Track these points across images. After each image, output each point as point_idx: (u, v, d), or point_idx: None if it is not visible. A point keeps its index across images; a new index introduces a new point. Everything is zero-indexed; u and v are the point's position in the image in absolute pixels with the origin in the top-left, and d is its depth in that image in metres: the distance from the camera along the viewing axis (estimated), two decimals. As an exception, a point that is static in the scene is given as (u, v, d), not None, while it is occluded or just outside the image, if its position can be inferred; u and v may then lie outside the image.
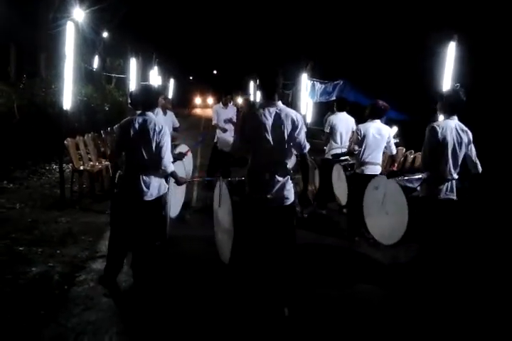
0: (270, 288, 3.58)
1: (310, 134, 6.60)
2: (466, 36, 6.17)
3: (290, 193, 3.46)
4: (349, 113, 6.67)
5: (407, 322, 3.64)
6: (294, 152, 3.52)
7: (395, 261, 4.96)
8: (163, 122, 6.04)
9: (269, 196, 3.39)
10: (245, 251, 3.63)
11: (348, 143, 6.34)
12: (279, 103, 3.43)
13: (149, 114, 3.87)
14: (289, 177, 3.45)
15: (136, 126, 3.78)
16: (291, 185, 3.48)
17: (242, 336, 3.36)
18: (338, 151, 6.37)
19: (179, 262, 4.63)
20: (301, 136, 3.42)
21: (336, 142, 6.50)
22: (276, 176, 3.38)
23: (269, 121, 3.33)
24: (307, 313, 3.67)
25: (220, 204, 4.29)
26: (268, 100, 3.42)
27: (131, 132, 3.76)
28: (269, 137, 3.34)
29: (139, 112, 3.92)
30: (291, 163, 3.53)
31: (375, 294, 4.15)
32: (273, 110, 3.36)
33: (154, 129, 3.77)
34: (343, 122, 6.55)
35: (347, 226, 5.70)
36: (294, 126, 3.36)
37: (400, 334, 3.49)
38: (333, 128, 6.50)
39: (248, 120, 3.46)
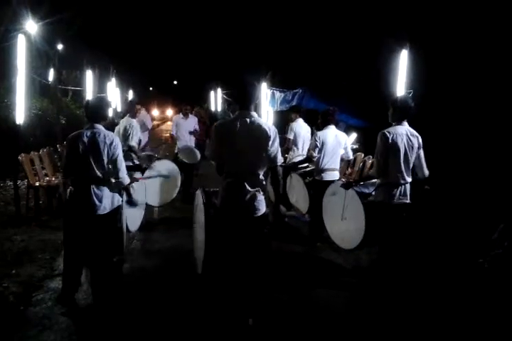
0: (238, 298, 3.55)
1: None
2: (417, 43, 6.36)
3: (261, 204, 3.43)
4: (306, 120, 6.78)
5: (370, 324, 3.69)
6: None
7: (357, 265, 5.03)
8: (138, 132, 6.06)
9: (239, 207, 3.36)
10: (217, 261, 3.58)
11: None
12: (254, 114, 3.40)
13: (98, 126, 3.77)
14: (260, 188, 3.42)
15: (85, 139, 3.67)
16: (263, 196, 3.46)
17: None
18: (300, 158, 6.44)
19: (139, 277, 4.54)
20: (274, 148, 3.39)
21: (298, 149, 6.59)
22: (248, 187, 3.35)
23: (241, 132, 3.29)
24: (271, 321, 3.66)
25: (197, 214, 4.26)
26: (243, 111, 3.38)
27: (80, 146, 3.66)
28: (241, 148, 3.30)
29: (87, 126, 3.82)
30: (262, 173, 3.50)
31: (338, 299, 4.20)
32: (247, 121, 3.33)
33: (105, 142, 3.68)
34: (304, 129, 6.65)
35: (309, 232, 5.75)
36: (267, 137, 3.33)
37: (364, 338, 3.52)
38: (296, 135, 6.59)
39: (220, 129, 3.41)
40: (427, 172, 4.19)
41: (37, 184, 6.73)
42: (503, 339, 3.53)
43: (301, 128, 6.66)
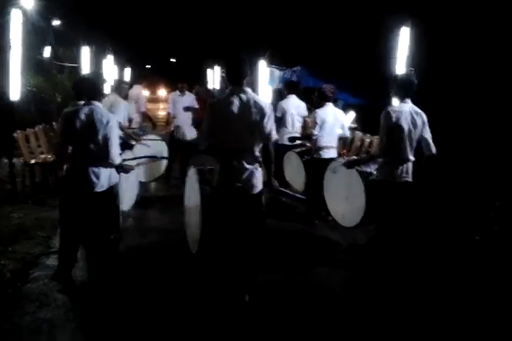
0: (234, 275, 3.56)
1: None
2: (419, 20, 6.24)
3: (259, 181, 3.42)
4: (301, 97, 6.67)
5: (368, 304, 3.70)
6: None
7: (354, 243, 5.04)
8: (123, 112, 5.97)
9: (238, 184, 3.34)
10: (214, 240, 3.58)
11: (299, 128, 6.38)
12: (248, 90, 3.35)
13: (96, 103, 3.69)
14: (257, 164, 3.40)
15: (82, 116, 3.60)
16: (260, 172, 3.44)
17: (200, 324, 3.33)
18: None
19: (135, 255, 4.54)
20: (269, 124, 3.34)
21: (286, 127, 6.51)
22: (245, 164, 3.33)
23: (236, 109, 3.25)
24: (268, 298, 3.68)
25: (190, 193, 4.23)
26: (236, 87, 3.32)
27: (77, 123, 3.59)
28: (237, 125, 3.27)
29: (82, 102, 3.76)
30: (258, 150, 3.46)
31: (336, 277, 4.22)
32: (241, 97, 3.28)
33: (101, 120, 3.60)
34: (294, 107, 6.54)
35: (306, 210, 5.75)
36: (262, 114, 3.29)
37: (361, 317, 3.53)
38: (284, 113, 6.50)
39: (215, 107, 3.37)
40: (433, 149, 4.13)
41: (32, 161, 6.69)
42: (501, 317, 3.54)
43: (289, 105, 6.54)
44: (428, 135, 4.10)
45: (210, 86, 18.09)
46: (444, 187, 5.96)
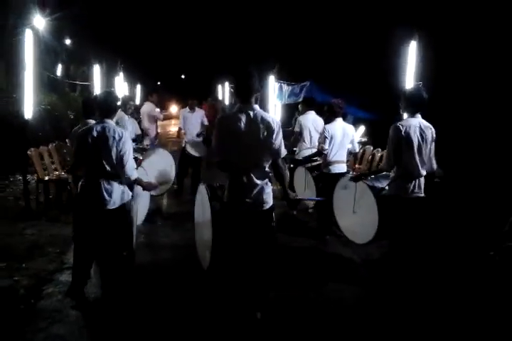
0: (246, 292, 3.54)
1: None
2: (426, 34, 6.29)
3: (269, 197, 3.41)
4: (317, 113, 6.73)
5: (382, 321, 3.65)
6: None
7: (367, 258, 5.00)
8: (129, 127, 6.06)
9: (248, 200, 3.33)
10: (225, 256, 3.56)
11: (317, 144, 6.40)
12: (256, 106, 3.34)
13: (108, 121, 3.76)
14: (267, 180, 3.40)
15: (95, 134, 3.67)
16: (270, 188, 3.44)
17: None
18: (309, 151, 6.40)
19: (147, 271, 4.55)
20: (278, 141, 3.34)
21: (305, 142, 6.55)
22: (255, 180, 3.32)
23: (245, 126, 3.25)
24: (280, 316, 3.65)
25: (200, 209, 4.24)
26: (244, 104, 3.32)
27: (90, 141, 3.66)
28: (246, 141, 3.26)
29: (93, 122, 3.83)
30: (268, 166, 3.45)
31: (349, 293, 4.17)
32: (249, 114, 3.28)
33: (114, 137, 3.66)
34: (312, 122, 6.60)
35: (317, 225, 5.73)
36: (270, 130, 3.28)
37: (375, 334, 3.49)
38: (302, 129, 6.56)
39: (224, 124, 3.37)
40: (435, 166, 4.12)
41: (46, 178, 6.77)
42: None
43: (307, 121, 6.61)
44: (432, 151, 4.06)
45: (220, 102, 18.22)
46: (458, 203, 5.91)
